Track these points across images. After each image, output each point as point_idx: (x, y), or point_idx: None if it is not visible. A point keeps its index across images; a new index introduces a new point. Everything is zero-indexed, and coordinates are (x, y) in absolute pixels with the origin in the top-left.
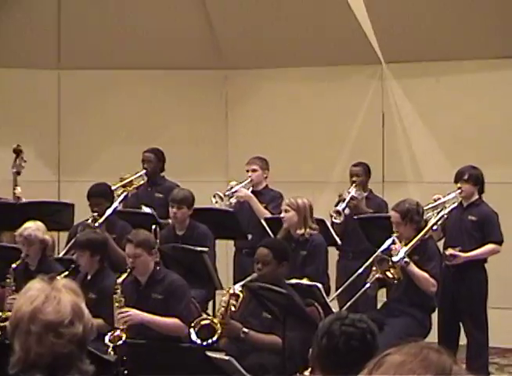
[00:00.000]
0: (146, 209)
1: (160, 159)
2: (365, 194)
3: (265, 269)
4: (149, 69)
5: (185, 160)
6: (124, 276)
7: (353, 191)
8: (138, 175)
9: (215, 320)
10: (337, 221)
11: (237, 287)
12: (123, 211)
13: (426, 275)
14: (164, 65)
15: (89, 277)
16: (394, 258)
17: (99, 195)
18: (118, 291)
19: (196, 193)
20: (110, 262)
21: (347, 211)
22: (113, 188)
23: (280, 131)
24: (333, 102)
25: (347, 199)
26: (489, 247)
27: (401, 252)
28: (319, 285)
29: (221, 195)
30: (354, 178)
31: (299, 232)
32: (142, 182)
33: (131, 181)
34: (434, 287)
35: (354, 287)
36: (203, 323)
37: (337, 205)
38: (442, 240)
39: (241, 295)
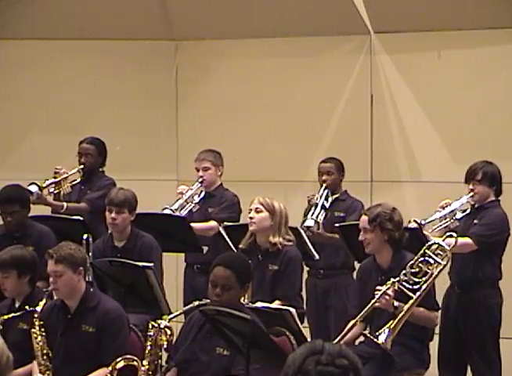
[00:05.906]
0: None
1: (100, 152)
2: (336, 196)
3: (226, 295)
4: (83, 39)
5: (123, 152)
6: (41, 304)
7: (324, 194)
8: (75, 170)
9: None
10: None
11: (164, 321)
12: (46, 216)
13: (424, 312)
14: (101, 35)
15: (18, 304)
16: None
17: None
18: (36, 324)
19: (137, 194)
20: None
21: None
22: (44, 185)
23: (243, 118)
24: (309, 82)
25: (320, 204)
26: (465, 240)
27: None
28: (292, 309)
29: (171, 209)
30: (324, 177)
31: (271, 240)
32: (78, 179)
33: (67, 178)
34: (436, 318)
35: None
36: (118, 366)
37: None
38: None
39: (168, 331)
